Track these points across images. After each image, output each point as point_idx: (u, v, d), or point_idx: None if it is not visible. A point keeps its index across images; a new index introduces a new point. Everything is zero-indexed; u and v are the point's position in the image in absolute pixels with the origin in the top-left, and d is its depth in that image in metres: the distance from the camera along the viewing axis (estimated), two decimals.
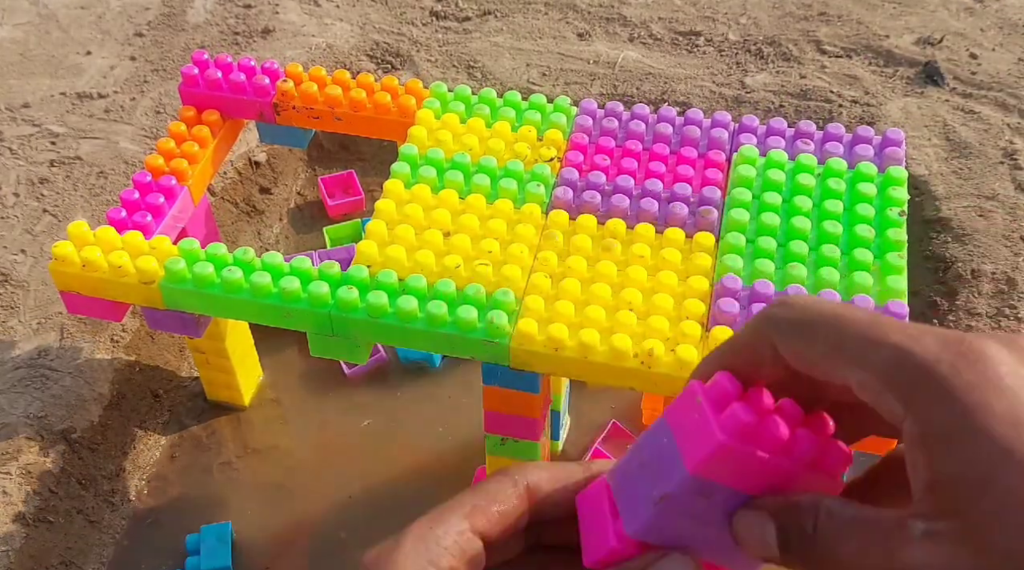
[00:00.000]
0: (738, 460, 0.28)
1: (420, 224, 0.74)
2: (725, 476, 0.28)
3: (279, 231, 1.18)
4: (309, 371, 1.03)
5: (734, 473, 0.28)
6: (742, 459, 0.28)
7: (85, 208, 1.09)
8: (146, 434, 0.97)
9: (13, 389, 0.92)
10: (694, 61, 1.30)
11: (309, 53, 1.29)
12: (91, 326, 0.97)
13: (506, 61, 1.29)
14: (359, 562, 0.31)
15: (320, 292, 0.69)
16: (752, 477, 0.28)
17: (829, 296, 0.69)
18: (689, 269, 0.71)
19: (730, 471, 0.28)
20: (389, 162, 0.84)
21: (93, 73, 1.27)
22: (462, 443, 0.97)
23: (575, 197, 0.76)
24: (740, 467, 0.28)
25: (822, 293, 0.69)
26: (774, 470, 0.28)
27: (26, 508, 0.85)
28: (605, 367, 0.65)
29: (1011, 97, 1.22)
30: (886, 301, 0.69)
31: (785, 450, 0.28)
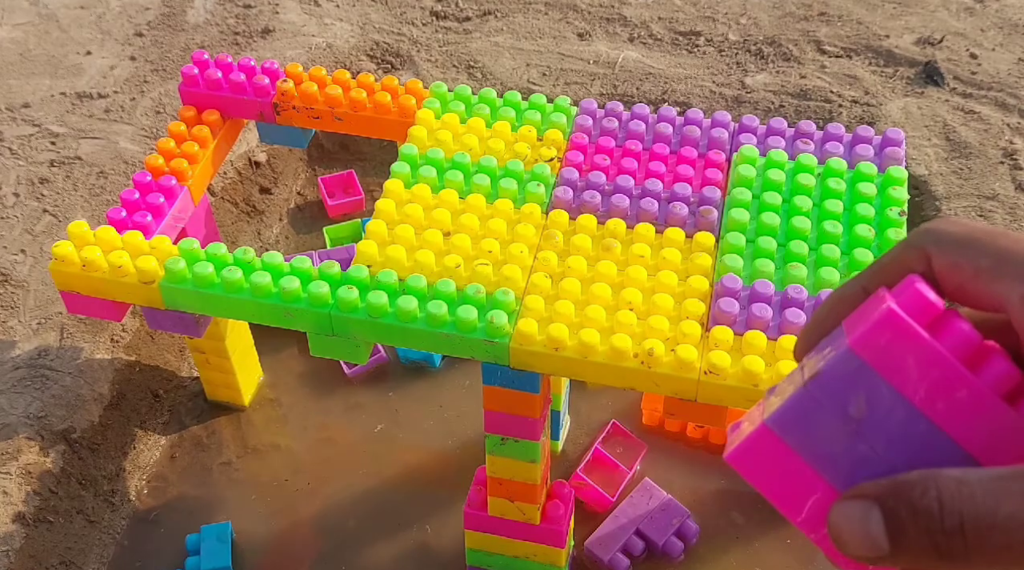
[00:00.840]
0: (908, 345, 0.24)
1: (420, 224, 0.74)
2: (890, 367, 0.25)
3: (279, 231, 1.18)
4: (309, 371, 1.04)
5: (901, 367, 0.24)
6: (913, 345, 0.24)
7: (85, 208, 1.09)
8: (146, 434, 0.97)
9: (13, 389, 0.92)
10: (694, 61, 1.29)
11: (309, 53, 1.29)
12: (91, 326, 0.97)
13: (506, 61, 1.29)
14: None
15: (320, 292, 0.69)
16: (924, 384, 0.24)
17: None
18: (689, 269, 0.71)
19: (896, 361, 0.24)
20: (389, 162, 0.84)
21: (93, 73, 1.27)
22: (462, 443, 0.97)
23: (575, 197, 0.76)
24: (909, 360, 0.24)
25: (821, 293, 0.69)
26: (952, 382, 0.24)
27: (26, 508, 0.85)
28: (605, 367, 0.65)
29: (1011, 97, 1.22)
30: None
31: (971, 358, 0.24)
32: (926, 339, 0.24)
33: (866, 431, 0.26)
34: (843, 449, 0.26)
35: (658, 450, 0.96)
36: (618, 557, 0.87)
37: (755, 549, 0.90)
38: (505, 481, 0.78)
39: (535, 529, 0.81)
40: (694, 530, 0.89)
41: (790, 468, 0.27)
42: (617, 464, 0.93)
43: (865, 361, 0.25)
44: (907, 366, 0.25)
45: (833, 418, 0.26)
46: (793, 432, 0.26)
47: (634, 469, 0.94)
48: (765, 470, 0.27)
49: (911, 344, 0.24)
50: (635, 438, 0.96)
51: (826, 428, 0.26)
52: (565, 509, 0.81)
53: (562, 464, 0.95)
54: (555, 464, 0.95)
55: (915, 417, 0.25)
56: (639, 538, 0.88)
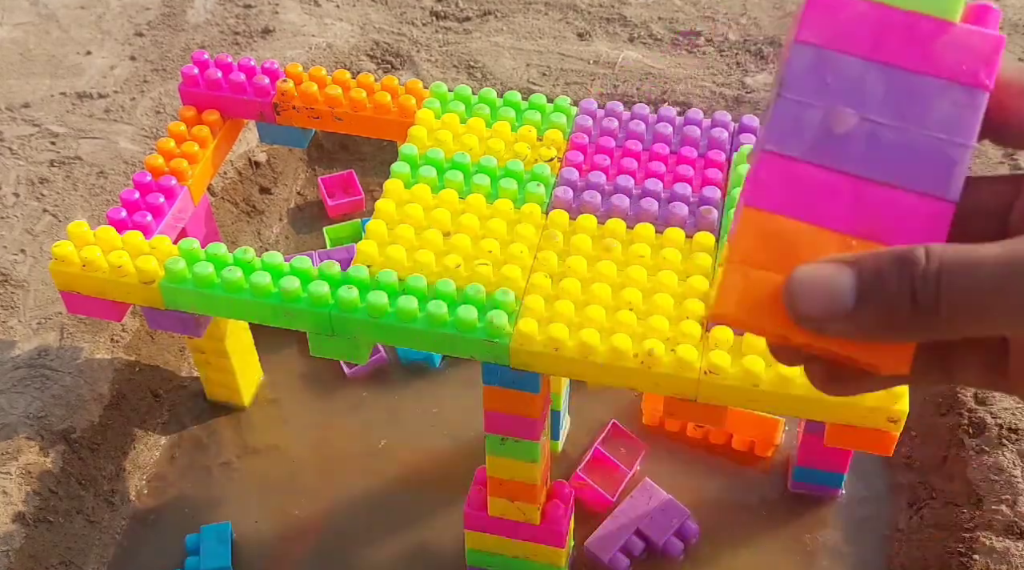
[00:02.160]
0: (843, 11, 0.26)
1: (420, 224, 0.74)
2: (840, 40, 0.26)
3: (279, 231, 1.18)
4: (309, 371, 1.03)
5: (850, 34, 0.26)
6: (847, 9, 0.26)
7: (85, 208, 1.09)
8: (146, 434, 0.97)
9: (13, 389, 0.92)
10: (694, 61, 1.30)
11: (309, 53, 1.29)
12: (91, 326, 0.97)
13: (506, 61, 1.29)
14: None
15: (320, 292, 0.69)
16: (878, 40, 0.26)
17: None
18: (689, 269, 0.71)
19: (842, 31, 0.26)
20: (389, 162, 0.84)
21: (93, 73, 1.27)
22: (462, 443, 0.97)
23: (575, 197, 0.76)
24: (853, 24, 0.26)
25: None
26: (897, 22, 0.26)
27: (26, 508, 0.85)
28: (605, 367, 0.65)
29: None
30: None
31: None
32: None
33: (855, 105, 0.26)
34: (847, 134, 0.26)
35: (658, 450, 0.96)
36: (618, 557, 0.87)
37: (755, 549, 0.90)
38: (505, 481, 0.78)
39: (535, 529, 0.81)
40: (694, 530, 0.89)
41: (808, 182, 0.27)
42: (617, 464, 0.93)
43: (817, 45, 0.26)
44: (855, 31, 0.26)
45: (821, 110, 0.26)
46: (792, 140, 0.27)
47: (634, 469, 0.94)
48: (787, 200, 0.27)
49: (841, 10, 0.26)
50: (635, 438, 0.96)
51: (821, 124, 0.26)
52: (565, 509, 0.81)
53: (562, 464, 0.95)
54: (555, 464, 0.95)
55: (892, 74, 0.26)
56: (639, 538, 0.88)
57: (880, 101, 0.26)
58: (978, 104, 0.27)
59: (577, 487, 0.90)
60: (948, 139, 0.26)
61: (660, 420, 0.98)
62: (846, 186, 0.27)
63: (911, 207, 0.26)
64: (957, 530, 0.85)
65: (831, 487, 0.92)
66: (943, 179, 0.26)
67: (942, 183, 0.26)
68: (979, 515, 0.85)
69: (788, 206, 0.27)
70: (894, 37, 0.27)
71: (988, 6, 0.28)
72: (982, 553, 0.82)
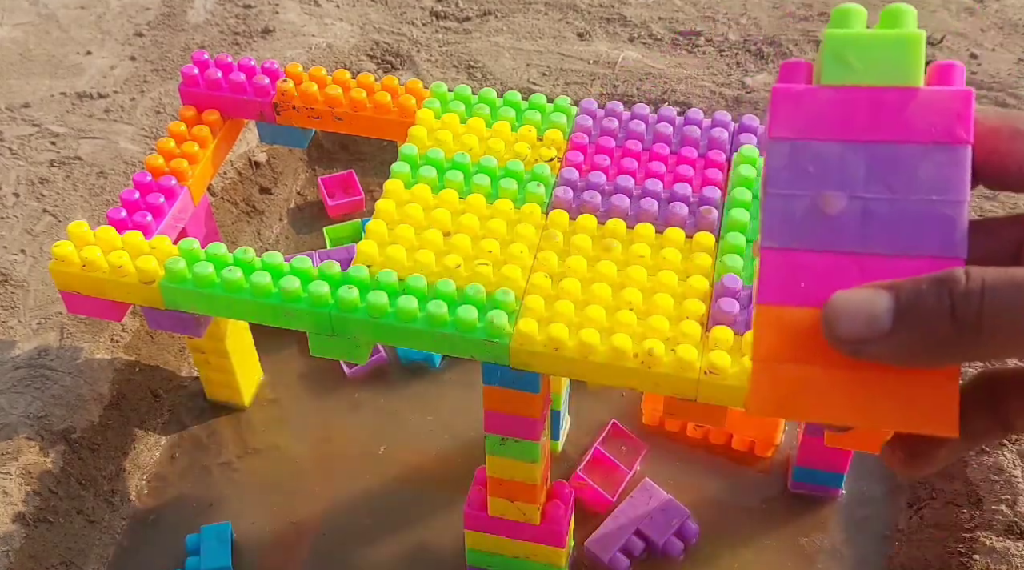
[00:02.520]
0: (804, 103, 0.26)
1: (420, 224, 0.74)
2: (811, 129, 0.27)
3: (279, 231, 1.18)
4: (309, 371, 1.04)
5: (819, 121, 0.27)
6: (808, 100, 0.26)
7: (85, 208, 1.09)
8: (146, 434, 0.97)
9: (13, 389, 0.92)
10: (694, 61, 1.30)
11: (309, 53, 1.29)
12: (91, 326, 0.97)
13: (506, 61, 1.29)
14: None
15: (320, 292, 0.69)
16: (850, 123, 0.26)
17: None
18: (689, 269, 0.71)
19: (811, 121, 0.27)
20: (389, 162, 0.84)
21: (93, 73, 1.27)
22: (462, 443, 0.97)
23: (575, 197, 0.76)
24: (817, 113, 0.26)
25: None
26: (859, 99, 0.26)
27: (26, 508, 0.85)
28: (605, 367, 0.65)
29: (1011, 97, 1.22)
30: None
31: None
32: (813, 88, 0.27)
33: (841, 187, 0.27)
34: (840, 216, 0.27)
35: (658, 450, 0.96)
36: (618, 557, 0.87)
37: (755, 549, 0.90)
38: (505, 481, 0.78)
39: (535, 529, 0.81)
40: (694, 530, 0.89)
41: (813, 269, 0.27)
42: (617, 464, 0.93)
43: (790, 138, 0.26)
44: (824, 116, 0.27)
45: (809, 198, 0.27)
46: (788, 232, 0.27)
47: (634, 469, 0.94)
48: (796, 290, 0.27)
49: (806, 100, 0.26)
50: (635, 438, 0.96)
51: (812, 211, 0.27)
52: (565, 509, 0.81)
53: (562, 464, 0.95)
54: (555, 464, 0.95)
55: (870, 150, 0.27)
56: (639, 538, 0.88)
57: (864, 178, 0.27)
58: (962, 159, 0.27)
59: (577, 487, 0.90)
60: (942, 199, 0.26)
61: (660, 420, 0.98)
62: (851, 264, 0.27)
63: (921, 271, 0.26)
64: (957, 530, 0.85)
65: (831, 487, 0.92)
66: (948, 239, 0.26)
67: (948, 244, 0.26)
68: (979, 515, 0.85)
69: (799, 296, 0.27)
70: (863, 114, 0.27)
71: (951, 64, 0.28)
72: (982, 553, 0.82)
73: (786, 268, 0.27)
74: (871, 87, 0.27)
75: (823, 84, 0.28)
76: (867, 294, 0.25)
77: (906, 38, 0.28)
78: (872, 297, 0.24)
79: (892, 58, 0.27)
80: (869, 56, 0.28)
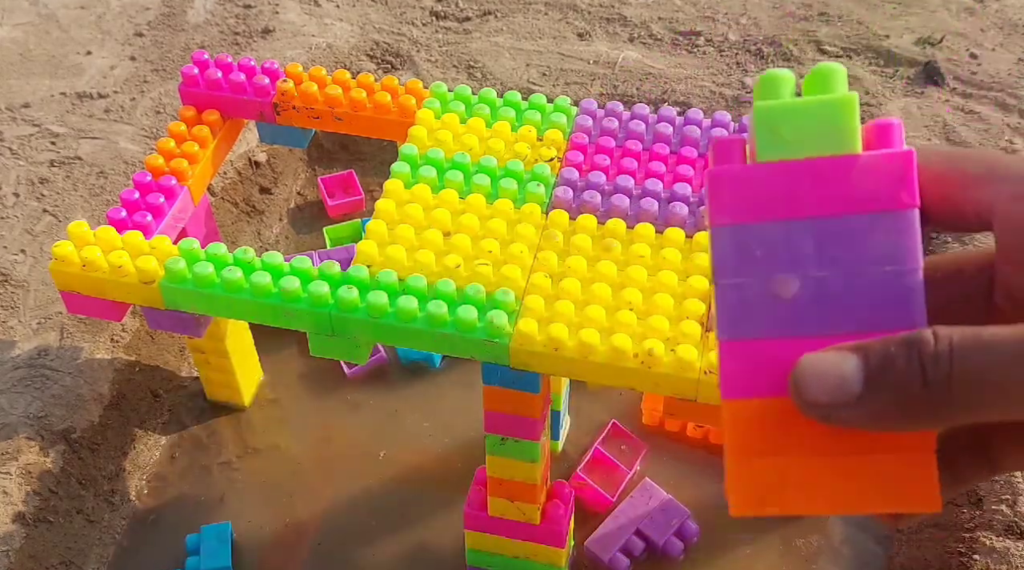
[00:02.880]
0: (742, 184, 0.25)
1: (420, 224, 0.74)
2: (752, 211, 0.26)
3: (279, 231, 1.18)
4: (309, 371, 1.04)
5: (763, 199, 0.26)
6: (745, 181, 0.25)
7: (85, 208, 1.09)
8: (146, 434, 0.97)
9: (13, 389, 0.92)
10: (694, 61, 1.29)
11: (309, 53, 1.29)
12: (91, 326, 0.97)
13: (506, 61, 1.29)
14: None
15: (320, 292, 0.69)
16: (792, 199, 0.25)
17: None
18: (689, 269, 0.71)
19: (749, 203, 0.26)
20: (389, 162, 0.84)
21: (93, 73, 1.27)
22: (462, 443, 0.97)
23: (575, 197, 0.76)
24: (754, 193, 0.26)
25: None
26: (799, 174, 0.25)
27: (26, 508, 0.85)
28: (605, 367, 0.65)
29: (1011, 97, 1.22)
30: None
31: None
32: (749, 167, 0.26)
33: (791, 268, 0.26)
34: (795, 298, 0.26)
35: (658, 450, 0.96)
36: (618, 557, 0.87)
37: (755, 549, 0.90)
38: (505, 481, 0.78)
39: (535, 529, 0.81)
40: (694, 530, 0.89)
41: (775, 357, 0.26)
42: (617, 464, 0.93)
43: (732, 224, 0.26)
44: (764, 196, 0.26)
45: (761, 284, 0.26)
46: (744, 323, 0.26)
47: (634, 469, 0.94)
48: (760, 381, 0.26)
49: (744, 181, 0.26)
50: (635, 438, 0.96)
51: (766, 297, 0.26)
52: (565, 509, 0.81)
53: (562, 464, 0.95)
54: (555, 464, 0.95)
55: (815, 226, 0.26)
56: (639, 538, 0.88)
57: (815, 255, 0.26)
58: (910, 225, 0.26)
59: (577, 487, 0.90)
60: (896, 269, 0.26)
61: (660, 420, 0.98)
62: (814, 348, 0.26)
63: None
64: (957, 530, 0.85)
65: None
66: (906, 310, 0.26)
67: (906, 314, 0.26)
68: (979, 515, 0.85)
69: (764, 387, 0.26)
70: (805, 188, 0.26)
71: (887, 123, 0.27)
72: (982, 553, 0.82)
73: (747, 360, 0.26)
74: (808, 159, 0.26)
75: (759, 161, 0.26)
76: (835, 357, 0.24)
77: (838, 103, 0.26)
78: (840, 360, 0.24)
79: (826, 126, 0.26)
80: (802, 126, 0.26)
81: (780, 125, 0.26)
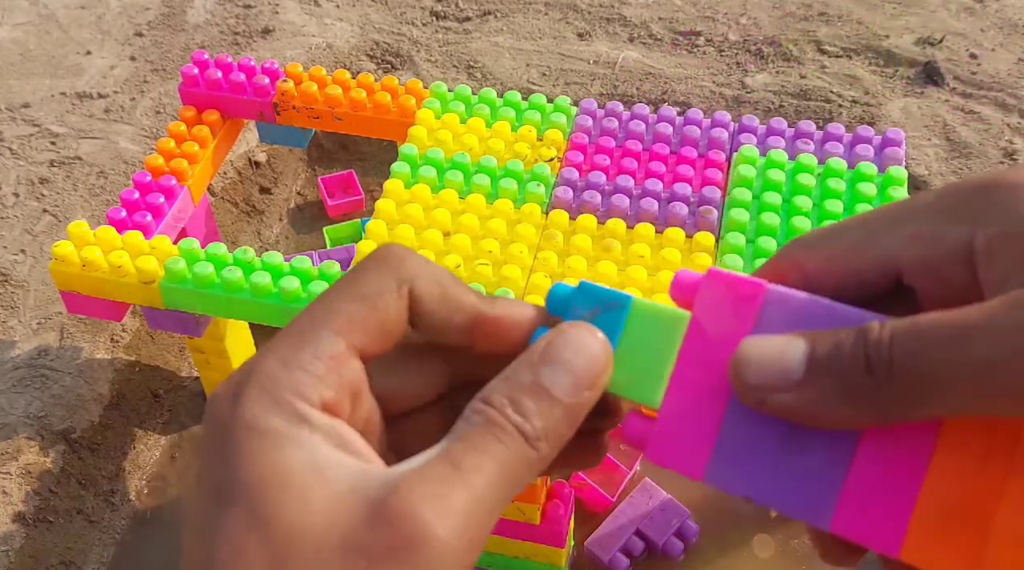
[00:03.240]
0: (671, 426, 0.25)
1: (420, 224, 0.74)
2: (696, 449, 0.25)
3: (279, 231, 1.18)
4: None
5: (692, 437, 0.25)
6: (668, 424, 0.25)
7: (85, 208, 1.09)
8: (146, 434, 0.97)
9: (13, 389, 0.92)
10: (694, 61, 1.30)
11: (309, 53, 1.29)
12: (91, 326, 0.97)
13: (506, 61, 1.29)
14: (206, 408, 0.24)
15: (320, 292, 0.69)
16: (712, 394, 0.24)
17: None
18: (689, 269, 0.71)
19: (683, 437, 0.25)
20: (389, 162, 0.84)
21: (93, 73, 1.27)
22: None
23: (575, 197, 0.76)
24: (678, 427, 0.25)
25: None
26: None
27: (26, 508, 0.85)
28: None
29: (1011, 97, 1.22)
30: None
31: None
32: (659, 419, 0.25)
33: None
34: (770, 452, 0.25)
35: None
36: (618, 557, 0.87)
37: (755, 549, 0.90)
38: None
39: (535, 529, 0.81)
40: (694, 530, 0.89)
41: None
42: (617, 464, 0.93)
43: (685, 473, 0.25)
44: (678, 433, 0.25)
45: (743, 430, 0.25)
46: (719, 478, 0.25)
47: (634, 469, 0.94)
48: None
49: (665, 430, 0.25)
50: None
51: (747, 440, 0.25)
52: (565, 509, 0.81)
53: None
54: None
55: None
56: (639, 538, 0.88)
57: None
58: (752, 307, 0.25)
59: (577, 487, 0.90)
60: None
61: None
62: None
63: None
64: None
65: None
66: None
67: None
68: None
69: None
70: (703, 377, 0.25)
71: (684, 279, 0.26)
72: None
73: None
74: (673, 362, 0.25)
75: (657, 407, 0.26)
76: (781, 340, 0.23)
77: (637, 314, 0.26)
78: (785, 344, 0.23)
79: (649, 332, 0.26)
80: (635, 357, 0.26)
81: (628, 375, 0.26)
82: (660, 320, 0.26)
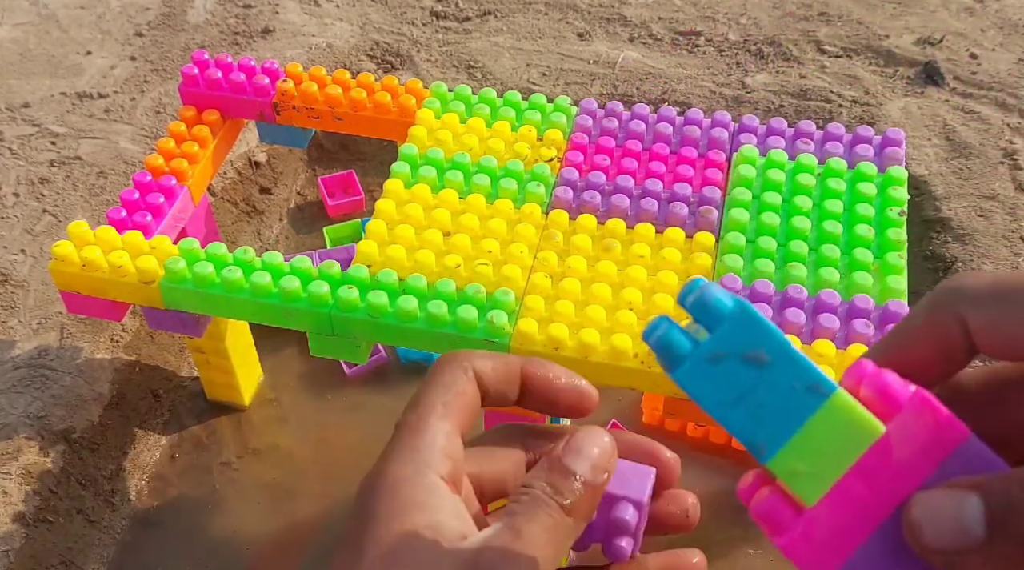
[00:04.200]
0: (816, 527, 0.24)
1: (420, 224, 0.74)
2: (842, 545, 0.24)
3: (279, 231, 1.18)
4: (309, 371, 1.03)
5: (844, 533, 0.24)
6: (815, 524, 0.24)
7: (85, 208, 1.09)
8: (146, 434, 0.97)
9: (13, 389, 0.92)
10: (694, 61, 1.30)
11: (309, 53, 1.29)
12: (91, 326, 0.97)
13: (506, 61, 1.29)
14: (355, 493, 0.30)
15: (320, 292, 0.69)
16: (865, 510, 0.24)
17: (829, 296, 0.69)
18: (689, 269, 0.71)
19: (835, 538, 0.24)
20: (389, 162, 0.84)
21: (93, 73, 1.27)
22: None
23: (575, 197, 0.76)
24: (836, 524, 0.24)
25: (821, 293, 0.69)
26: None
27: (26, 508, 0.85)
28: (605, 367, 0.65)
29: (1011, 97, 1.22)
30: (886, 301, 0.69)
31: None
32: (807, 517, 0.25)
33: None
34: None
35: None
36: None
37: (755, 549, 0.90)
38: None
39: None
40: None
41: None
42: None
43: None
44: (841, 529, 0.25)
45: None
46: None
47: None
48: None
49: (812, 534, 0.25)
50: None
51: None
52: None
53: None
54: None
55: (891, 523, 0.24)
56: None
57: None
58: (977, 448, 0.24)
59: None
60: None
61: (660, 420, 0.98)
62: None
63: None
64: None
65: None
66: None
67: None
68: None
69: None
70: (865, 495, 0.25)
71: (883, 381, 0.25)
72: None
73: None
74: (849, 469, 0.24)
75: (811, 506, 0.25)
76: (952, 496, 0.22)
77: (833, 408, 0.25)
78: (958, 500, 0.22)
79: (839, 430, 0.25)
80: (819, 449, 0.25)
81: (799, 464, 0.25)
82: (854, 423, 0.25)
